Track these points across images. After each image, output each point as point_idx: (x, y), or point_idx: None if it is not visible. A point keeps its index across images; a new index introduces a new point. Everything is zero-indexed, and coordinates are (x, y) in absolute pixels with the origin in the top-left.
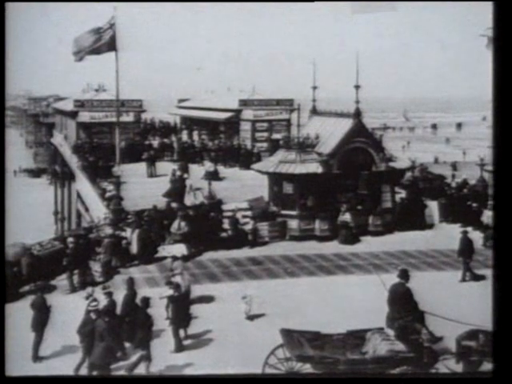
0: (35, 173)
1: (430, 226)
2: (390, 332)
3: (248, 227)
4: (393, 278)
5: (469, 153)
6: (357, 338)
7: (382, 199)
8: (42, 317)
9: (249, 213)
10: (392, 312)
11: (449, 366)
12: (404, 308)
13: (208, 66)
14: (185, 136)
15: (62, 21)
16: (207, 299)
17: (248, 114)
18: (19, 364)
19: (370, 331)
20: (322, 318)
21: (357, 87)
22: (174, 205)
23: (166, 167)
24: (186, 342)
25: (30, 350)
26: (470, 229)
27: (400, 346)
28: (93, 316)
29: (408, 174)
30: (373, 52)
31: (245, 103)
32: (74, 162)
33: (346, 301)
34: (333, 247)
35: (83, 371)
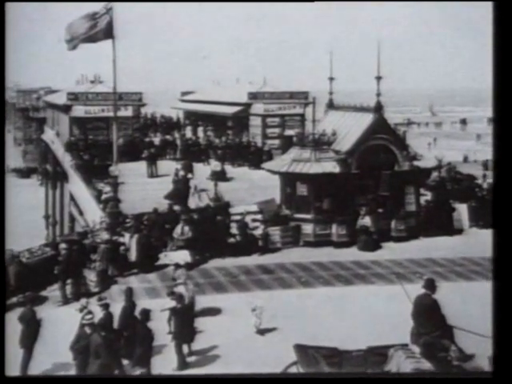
0: (24, 173)
1: (459, 232)
2: (416, 349)
3: (258, 232)
4: (418, 289)
5: None
6: (378, 355)
7: (406, 202)
8: (31, 331)
9: (259, 216)
10: (417, 326)
11: None
12: (430, 322)
13: (214, 54)
14: (189, 132)
15: (55, 8)
16: (213, 311)
17: (258, 107)
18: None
19: (392, 348)
20: (339, 332)
21: (378, 78)
22: (176, 208)
23: (168, 166)
24: (190, 359)
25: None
26: None
27: (426, 365)
28: (87, 330)
29: (434, 174)
30: (396, 40)
31: (255, 96)
32: (67, 160)
33: (366, 314)
34: (351, 254)
35: None
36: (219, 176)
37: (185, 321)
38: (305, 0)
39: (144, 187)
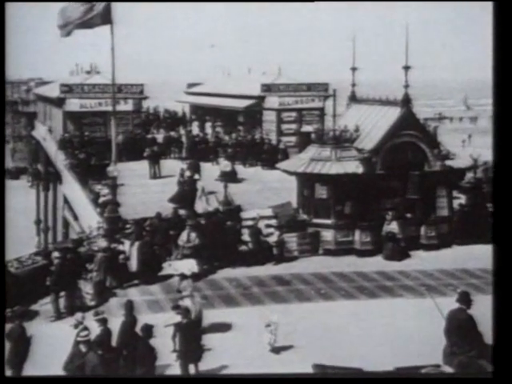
0: (13, 173)
1: None
2: (449, 370)
3: (272, 239)
4: (451, 303)
5: None
6: None
7: (437, 205)
8: (20, 350)
9: (273, 222)
10: (451, 345)
11: None
12: (466, 340)
13: (224, 42)
14: (195, 128)
15: None
16: (223, 327)
17: (273, 101)
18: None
19: (423, 368)
20: (363, 350)
21: (406, 68)
22: (182, 212)
23: (173, 166)
24: None
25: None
26: None
27: None
28: (83, 348)
29: (469, 175)
30: (426, 25)
31: (269, 88)
32: (60, 160)
33: (393, 330)
34: (376, 264)
35: None
36: (229, 177)
37: (191, 337)
38: (305, 0)
39: (146, 189)
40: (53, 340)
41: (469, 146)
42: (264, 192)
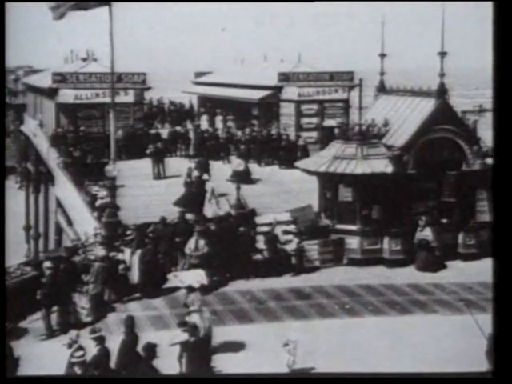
0: None
1: None
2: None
3: (291, 247)
4: None
5: None
6: None
7: (477, 209)
8: (7, 371)
9: (292, 227)
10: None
11: None
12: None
13: (236, 26)
14: (204, 123)
15: None
16: (235, 346)
17: (291, 92)
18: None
19: None
20: (393, 372)
21: (442, 54)
22: (189, 216)
23: (179, 165)
24: None
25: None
26: None
27: None
28: (78, 370)
29: None
30: (463, 7)
31: (287, 77)
32: (52, 158)
33: (428, 350)
34: (408, 275)
35: None
36: (242, 177)
37: (199, 358)
38: (305, 0)
39: (149, 191)
40: (43, 361)
41: None
42: (281, 194)
